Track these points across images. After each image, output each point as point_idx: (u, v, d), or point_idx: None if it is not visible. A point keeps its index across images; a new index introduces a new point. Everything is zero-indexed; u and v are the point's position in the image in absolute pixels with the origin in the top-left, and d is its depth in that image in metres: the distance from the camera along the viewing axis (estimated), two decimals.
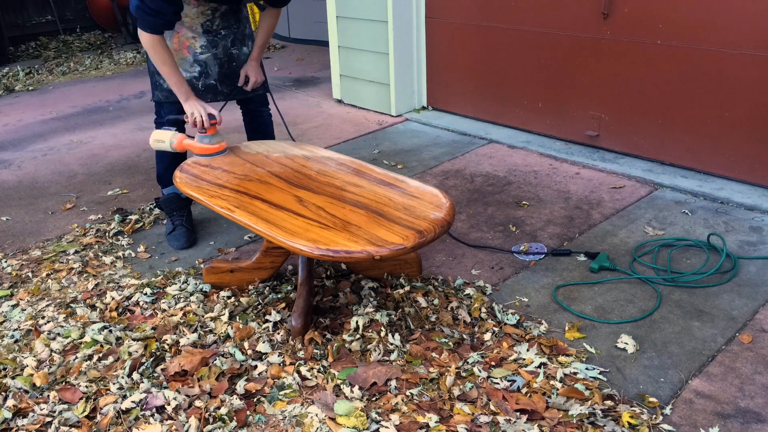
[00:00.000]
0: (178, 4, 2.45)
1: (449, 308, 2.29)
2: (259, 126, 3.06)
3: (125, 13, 7.27)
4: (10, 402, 1.93)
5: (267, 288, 2.47)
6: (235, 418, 1.84)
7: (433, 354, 2.07)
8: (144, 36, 2.45)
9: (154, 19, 2.41)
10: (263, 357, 2.10)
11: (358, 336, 2.15)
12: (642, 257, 2.59)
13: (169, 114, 2.79)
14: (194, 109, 2.48)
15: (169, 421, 1.84)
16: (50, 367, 2.09)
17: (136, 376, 2.01)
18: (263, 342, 2.15)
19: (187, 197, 2.83)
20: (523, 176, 3.41)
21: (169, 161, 2.90)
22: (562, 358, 2.02)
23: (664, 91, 3.27)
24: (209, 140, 2.48)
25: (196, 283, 2.52)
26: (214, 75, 2.77)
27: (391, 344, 2.11)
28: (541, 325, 2.20)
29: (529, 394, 1.89)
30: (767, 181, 3.06)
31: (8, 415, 1.87)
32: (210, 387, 1.95)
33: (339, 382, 1.96)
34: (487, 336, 2.15)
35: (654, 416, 1.80)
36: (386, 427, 1.78)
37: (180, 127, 2.76)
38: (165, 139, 2.55)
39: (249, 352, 2.12)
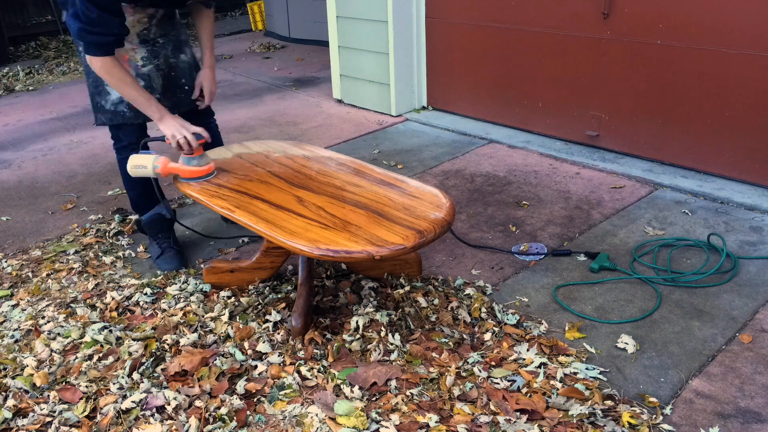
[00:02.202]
0: (121, 15, 2.21)
1: (449, 308, 2.29)
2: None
3: None
4: (10, 402, 1.93)
5: (267, 288, 2.47)
6: (235, 418, 1.84)
7: (433, 354, 2.07)
8: (95, 62, 2.21)
9: (100, 37, 2.17)
10: (263, 357, 2.10)
11: (358, 336, 2.15)
12: (642, 257, 2.59)
13: (129, 136, 2.55)
14: (175, 130, 2.24)
15: (169, 421, 1.84)
16: (50, 367, 2.09)
17: (136, 376, 2.01)
18: (263, 342, 2.15)
19: (171, 218, 2.68)
20: (523, 176, 3.41)
21: (143, 185, 2.66)
22: (562, 358, 2.02)
23: (664, 91, 3.27)
24: (198, 162, 2.25)
25: (196, 283, 2.52)
26: (159, 88, 2.52)
27: (391, 344, 2.11)
28: (541, 325, 2.20)
29: (529, 394, 1.89)
30: (767, 181, 3.06)
31: (8, 415, 1.87)
32: (210, 387, 1.95)
33: (339, 382, 1.96)
34: (487, 336, 2.15)
35: (654, 416, 1.80)
36: (386, 427, 1.78)
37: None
38: (146, 164, 2.25)
39: (249, 352, 2.12)
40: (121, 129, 2.56)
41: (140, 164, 2.25)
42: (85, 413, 1.88)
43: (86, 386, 1.98)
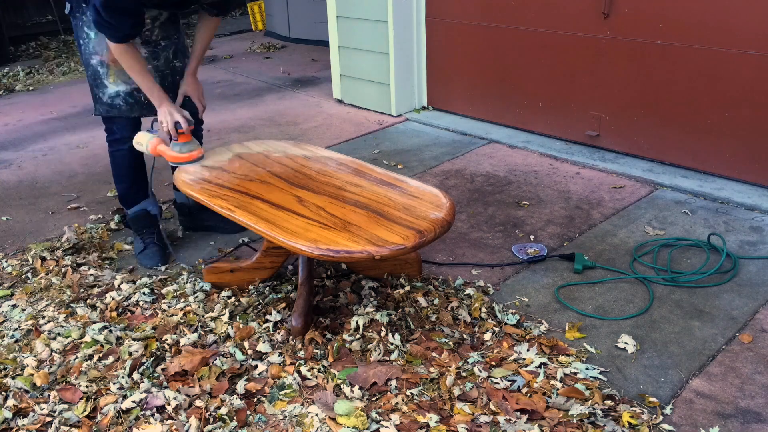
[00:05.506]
0: (136, 17, 2.32)
1: (449, 308, 2.29)
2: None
3: None
4: (11, 402, 1.93)
5: (267, 288, 2.47)
6: (235, 418, 1.84)
7: (434, 354, 2.07)
8: (111, 45, 2.37)
9: (113, 32, 2.31)
10: (263, 357, 2.10)
11: (358, 336, 2.15)
12: (642, 257, 2.59)
13: (122, 130, 2.64)
14: (163, 116, 2.40)
15: (170, 421, 1.84)
16: (50, 367, 2.09)
17: (136, 376, 2.01)
18: (263, 342, 2.15)
19: (156, 214, 2.79)
20: (524, 176, 3.41)
21: (132, 179, 2.76)
22: (562, 358, 2.02)
23: (664, 91, 3.27)
24: (179, 148, 2.40)
25: (196, 283, 2.52)
26: None
27: (392, 344, 2.11)
28: (541, 325, 2.20)
29: (529, 394, 1.89)
30: (767, 181, 3.06)
31: (8, 414, 1.87)
32: (210, 387, 1.95)
33: (339, 382, 1.96)
34: (488, 336, 2.15)
35: (654, 416, 1.80)
36: (386, 427, 1.78)
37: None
38: (143, 141, 2.47)
39: (249, 352, 2.12)
40: (115, 122, 2.64)
41: (139, 141, 2.49)
42: (85, 413, 1.88)
43: (86, 386, 1.98)
